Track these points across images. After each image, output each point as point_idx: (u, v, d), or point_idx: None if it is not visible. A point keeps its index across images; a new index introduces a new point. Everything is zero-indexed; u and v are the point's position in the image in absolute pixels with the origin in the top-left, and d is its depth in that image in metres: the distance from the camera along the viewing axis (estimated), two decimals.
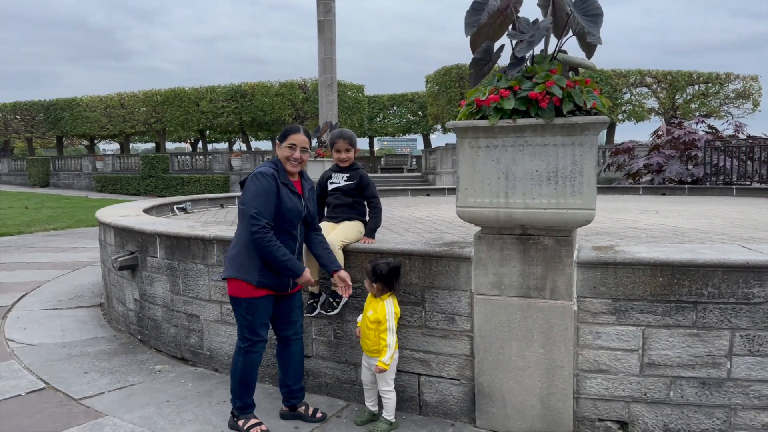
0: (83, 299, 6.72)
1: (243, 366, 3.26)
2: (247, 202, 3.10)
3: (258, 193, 3.10)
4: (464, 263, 3.32)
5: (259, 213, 3.06)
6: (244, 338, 3.26)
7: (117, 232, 5.38)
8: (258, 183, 3.11)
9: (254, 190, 3.11)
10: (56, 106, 37.26)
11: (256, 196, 3.09)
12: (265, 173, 3.14)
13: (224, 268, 3.28)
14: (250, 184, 3.14)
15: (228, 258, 3.26)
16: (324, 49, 20.22)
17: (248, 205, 3.08)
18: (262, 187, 3.11)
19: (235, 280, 3.19)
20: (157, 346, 4.85)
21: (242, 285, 3.18)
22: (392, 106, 38.65)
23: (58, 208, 20.14)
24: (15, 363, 4.54)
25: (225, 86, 32.03)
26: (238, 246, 3.21)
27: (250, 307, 3.21)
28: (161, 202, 8.82)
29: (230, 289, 3.24)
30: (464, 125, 3.05)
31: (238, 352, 3.29)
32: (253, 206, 3.07)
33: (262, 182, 3.11)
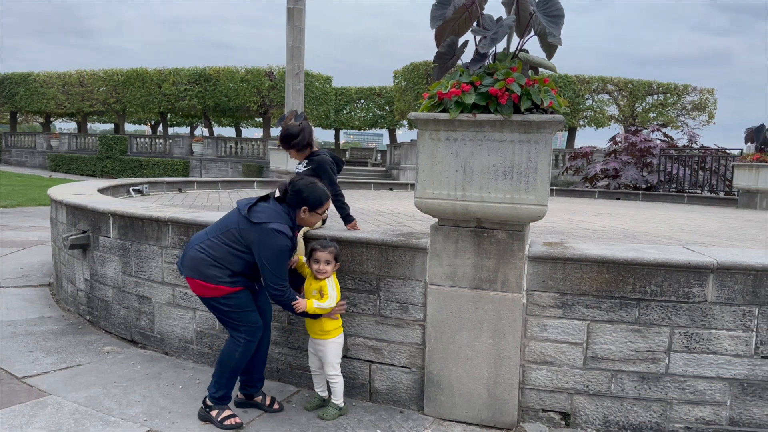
0: (31, 278, 6.52)
1: (240, 357, 3.16)
2: (270, 265, 3.01)
3: (280, 256, 3.02)
4: (420, 254, 3.37)
5: (283, 277, 3.06)
6: (241, 329, 3.15)
7: (69, 210, 5.24)
8: (279, 243, 3.00)
9: (278, 252, 3.01)
10: (11, 80, 35.83)
11: (278, 259, 3.01)
12: (285, 233, 3.01)
13: (187, 267, 3.12)
14: (272, 240, 2.98)
15: (186, 256, 3.13)
16: (292, 38, 20.02)
17: (272, 269, 3.02)
18: (284, 249, 3.02)
19: (204, 283, 3.07)
20: (107, 327, 4.76)
21: (213, 287, 3.07)
22: (359, 99, 38.54)
23: (9, 186, 19.42)
24: None
25: (189, 69, 31.35)
26: (208, 254, 3.06)
27: (230, 303, 3.12)
28: (117, 183, 8.61)
29: (199, 291, 3.13)
30: (425, 117, 3.09)
31: (235, 344, 3.15)
32: (277, 272, 3.02)
33: (283, 242, 3.01)
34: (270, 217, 3.00)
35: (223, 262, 3.05)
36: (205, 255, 3.07)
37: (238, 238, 3.05)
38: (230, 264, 3.06)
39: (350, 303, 3.55)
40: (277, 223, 2.98)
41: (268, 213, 3.03)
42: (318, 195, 3.15)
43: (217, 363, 3.23)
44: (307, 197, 3.11)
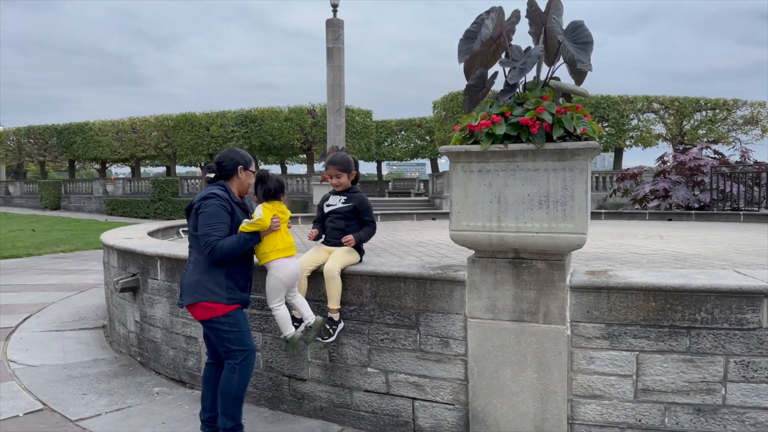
0: (87, 321, 6.76)
1: (239, 383, 3.26)
2: (202, 225, 3.17)
3: (213, 214, 3.19)
4: (458, 287, 3.33)
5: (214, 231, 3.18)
6: (236, 352, 3.25)
7: (120, 254, 5.44)
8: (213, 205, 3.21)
9: (210, 212, 3.20)
10: (69, 130, 37.82)
11: (211, 217, 3.18)
12: (215, 194, 3.24)
13: (183, 294, 3.27)
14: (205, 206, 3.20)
15: (185, 285, 3.26)
16: (333, 75, 20.49)
17: (204, 228, 3.17)
18: (217, 209, 3.21)
19: (205, 304, 3.20)
20: (157, 368, 4.86)
21: (211, 306, 3.20)
22: (400, 131, 38.91)
23: (68, 231, 20.32)
24: (15, 384, 4.57)
25: (235, 111, 32.42)
26: (198, 272, 3.22)
27: (230, 320, 3.23)
28: (167, 225, 8.90)
29: (201, 314, 3.24)
30: (457, 150, 3.09)
31: (231, 371, 3.25)
32: (209, 227, 3.17)
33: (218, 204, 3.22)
34: (206, 190, 3.26)
35: (212, 272, 3.19)
36: (197, 275, 3.21)
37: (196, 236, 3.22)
38: (216, 272, 3.20)
39: (390, 339, 3.53)
40: (213, 190, 3.24)
41: (204, 190, 3.27)
42: (242, 152, 3.46)
43: (219, 395, 3.30)
44: (236, 158, 3.38)
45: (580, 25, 3.09)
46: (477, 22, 3.19)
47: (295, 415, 3.91)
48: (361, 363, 3.65)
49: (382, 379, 3.58)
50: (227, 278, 3.24)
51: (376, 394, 3.60)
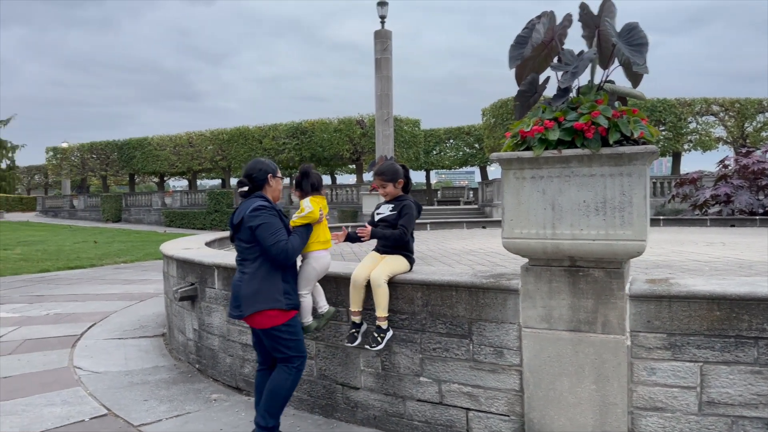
0: (147, 329, 6.99)
1: (290, 385, 3.42)
2: (265, 236, 3.27)
3: (271, 223, 3.32)
4: (512, 296, 3.28)
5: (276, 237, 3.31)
6: (294, 358, 3.41)
7: (179, 264, 5.62)
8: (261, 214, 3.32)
9: (268, 222, 3.31)
10: (129, 145, 39.44)
11: (270, 226, 3.30)
12: (263, 205, 3.35)
13: (242, 305, 3.34)
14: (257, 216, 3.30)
15: (244, 295, 3.33)
16: (381, 86, 20.63)
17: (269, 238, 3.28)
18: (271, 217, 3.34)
19: (267, 312, 3.30)
20: (214, 375, 4.98)
21: (273, 314, 3.32)
22: (448, 139, 38.79)
23: (128, 242, 21.14)
24: (81, 389, 4.77)
25: (286, 124, 33.09)
26: (255, 281, 3.31)
27: (290, 329, 3.39)
28: (223, 236, 9.12)
29: (263, 323, 3.34)
30: (508, 156, 3.06)
31: (286, 373, 3.39)
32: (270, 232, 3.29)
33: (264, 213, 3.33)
34: (251, 203, 3.35)
35: (269, 280, 3.31)
36: (255, 285, 3.30)
37: (252, 246, 3.32)
38: (273, 279, 3.32)
39: (442, 348, 3.51)
40: (259, 202, 3.34)
41: (248, 203, 3.37)
42: (267, 161, 3.54)
43: (267, 393, 3.40)
44: (264, 167, 3.46)
45: (635, 27, 3.01)
46: (528, 27, 3.16)
47: (349, 423, 3.92)
48: (413, 372, 3.64)
49: (435, 388, 3.55)
50: (284, 283, 3.36)
51: (429, 403, 3.58)
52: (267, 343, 3.45)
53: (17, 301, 9.03)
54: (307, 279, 3.56)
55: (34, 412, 4.23)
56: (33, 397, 4.58)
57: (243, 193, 3.46)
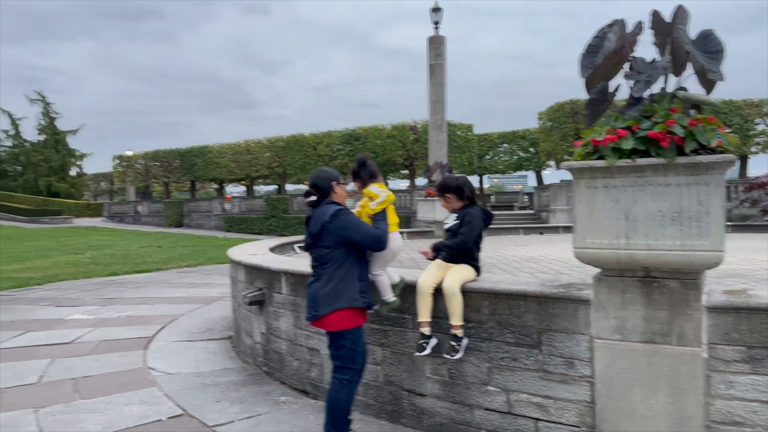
0: (214, 332, 7.25)
1: (347, 397, 3.50)
2: (355, 233, 3.46)
3: (354, 220, 3.54)
4: (583, 306, 3.26)
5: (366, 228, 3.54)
6: (348, 369, 3.51)
7: (247, 269, 5.81)
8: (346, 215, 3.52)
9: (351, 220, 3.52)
10: (190, 153, 40.85)
11: (355, 223, 3.52)
12: (342, 209, 3.54)
13: (319, 307, 3.46)
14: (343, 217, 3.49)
15: (321, 297, 3.45)
16: (434, 92, 20.65)
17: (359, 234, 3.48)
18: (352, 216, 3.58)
19: (341, 312, 3.43)
20: (282, 378, 5.13)
21: (349, 315, 3.45)
22: (502, 144, 38.37)
23: (191, 247, 21.88)
24: (156, 390, 4.99)
25: (340, 131, 33.55)
26: (333, 282, 3.45)
27: (354, 338, 3.51)
28: (284, 242, 9.36)
29: (334, 324, 3.46)
30: (580, 165, 3.05)
31: (340, 385, 3.50)
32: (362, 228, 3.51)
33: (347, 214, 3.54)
34: (326, 210, 3.49)
35: (346, 281, 3.45)
36: (332, 286, 3.44)
37: (331, 251, 3.46)
38: (349, 279, 3.47)
39: (510, 357, 3.51)
40: (333, 207, 3.49)
41: (322, 210, 3.51)
42: (330, 170, 3.68)
43: (327, 409, 3.53)
44: (328, 176, 3.61)
45: (710, 34, 2.96)
46: (599, 36, 3.13)
47: (415, 429, 3.97)
48: (480, 381, 3.65)
49: (503, 398, 3.56)
50: (359, 282, 3.52)
51: (497, 413, 3.58)
52: (330, 346, 3.58)
53: (91, 303, 9.50)
54: (384, 259, 3.75)
55: (115, 411, 4.47)
56: (113, 396, 4.83)
57: (312, 202, 3.60)
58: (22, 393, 4.91)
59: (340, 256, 3.46)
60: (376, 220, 3.59)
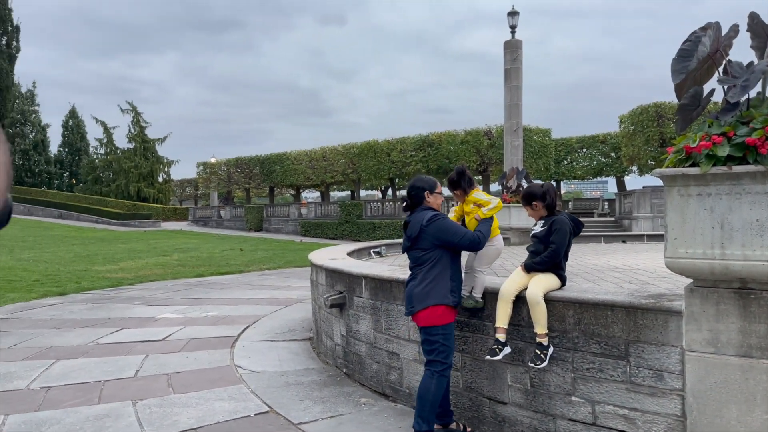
0: (295, 333, 7.50)
1: (435, 389, 3.66)
2: (452, 235, 3.68)
3: (450, 223, 3.80)
4: (674, 317, 3.16)
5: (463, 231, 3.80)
6: (439, 362, 3.68)
7: (328, 273, 5.99)
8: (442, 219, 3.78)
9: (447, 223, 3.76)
10: (269, 160, 42.26)
11: (452, 225, 3.78)
12: (437, 214, 3.81)
13: (414, 303, 3.73)
14: (439, 222, 3.73)
15: (416, 294, 3.72)
16: (510, 96, 20.41)
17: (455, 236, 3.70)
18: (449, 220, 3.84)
19: (432, 309, 3.65)
20: (361, 380, 5.25)
21: (440, 311, 3.64)
22: (581, 149, 37.25)
23: (270, 251, 22.63)
24: (243, 387, 5.24)
25: (414, 137, 33.69)
26: (427, 281, 3.70)
27: (446, 334, 3.70)
28: (360, 246, 9.55)
29: (426, 320, 3.70)
30: (672, 173, 2.97)
31: (430, 376, 3.68)
32: (459, 231, 3.76)
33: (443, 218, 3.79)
34: (422, 215, 3.75)
35: (439, 280, 3.68)
36: (426, 285, 3.69)
37: (426, 252, 3.72)
38: (443, 278, 3.69)
39: (596, 368, 3.45)
40: (429, 213, 3.75)
41: (419, 216, 3.76)
42: (426, 178, 3.91)
43: (417, 399, 3.72)
44: (421, 185, 3.85)
45: None
46: (692, 40, 3.05)
47: None
48: (564, 391, 3.61)
49: (588, 409, 3.50)
50: (451, 281, 3.71)
51: (582, 423, 3.53)
52: (422, 341, 3.79)
53: (179, 303, 10.05)
54: (488, 258, 3.98)
55: (206, 406, 4.73)
56: (203, 392, 5.10)
57: (405, 207, 3.90)
58: (121, 386, 5.28)
59: (434, 257, 3.70)
60: (481, 222, 3.84)
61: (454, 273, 3.79)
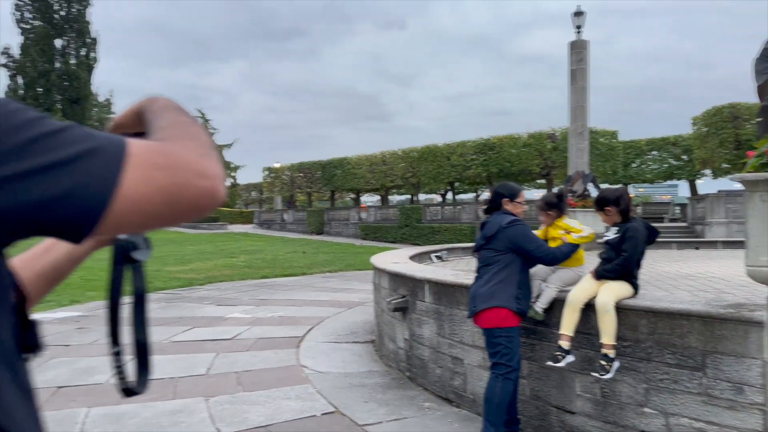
0: (357, 335, 7.58)
1: (501, 392, 3.64)
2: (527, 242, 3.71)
3: (529, 232, 3.85)
4: (754, 328, 3.02)
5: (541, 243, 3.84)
6: (503, 365, 3.66)
7: (390, 277, 6.04)
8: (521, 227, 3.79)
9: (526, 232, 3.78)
10: (331, 164, 42.91)
11: (530, 235, 3.82)
12: (517, 221, 3.85)
13: (477, 302, 3.77)
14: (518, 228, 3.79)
15: (480, 294, 3.77)
16: (575, 98, 19.94)
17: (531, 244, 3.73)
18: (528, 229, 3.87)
19: (496, 310, 3.67)
20: (424, 384, 5.26)
21: (503, 314, 3.64)
22: (651, 151, 35.87)
23: (331, 253, 22.96)
24: (309, 387, 5.35)
25: (474, 140, 33.38)
26: (492, 283, 3.73)
27: (509, 337, 3.69)
28: (421, 251, 9.56)
29: (488, 321, 3.71)
30: (754, 178, 2.84)
31: (494, 379, 3.68)
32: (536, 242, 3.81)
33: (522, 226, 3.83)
34: (503, 218, 3.81)
35: (505, 283, 3.69)
36: (491, 286, 3.71)
37: (498, 254, 3.76)
38: (509, 283, 3.70)
39: (670, 379, 3.33)
40: (511, 217, 3.81)
41: (499, 218, 3.83)
42: (509, 186, 4.01)
43: (484, 402, 3.74)
44: (502, 192, 3.94)
45: None
46: None
47: None
48: (636, 402, 3.50)
49: (661, 421, 3.38)
50: (518, 288, 3.69)
51: None
52: (486, 343, 3.80)
53: (247, 303, 10.36)
54: (564, 281, 3.94)
55: (275, 404, 4.86)
56: (271, 390, 5.24)
57: (486, 210, 4.00)
58: (194, 383, 5.50)
59: (505, 261, 3.73)
60: (566, 244, 3.86)
61: (522, 281, 3.77)
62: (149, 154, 0.60)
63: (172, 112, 0.74)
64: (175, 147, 0.64)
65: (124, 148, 0.59)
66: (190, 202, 0.61)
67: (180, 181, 0.60)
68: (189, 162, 0.62)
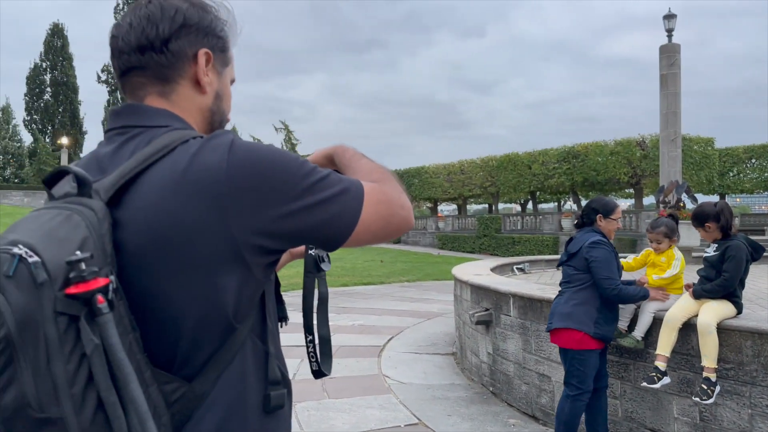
0: (438, 347, 7.56)
1: (569, 411, 3.59)
2: (601, 269, 3.53)
3: (608, 260, 3.57)
4: None
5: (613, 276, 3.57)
6: (573, 386, 3.60)
7: (473, 289, 5.99)
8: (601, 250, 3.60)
9: (605, 258, 3.57)
10: (408, 173, 43.14)
11: (608, 263, 3.56)
12: (601, 241, 3.67)
13: (554, 319, 3.71)
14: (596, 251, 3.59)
15: (558, 312, 3.70)
16: (667, 104, 19.08)
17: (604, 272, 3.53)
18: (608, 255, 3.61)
19: (570, 332, 3.57)
20: (508, 400, 5.17)
21: (578, 337, 3.54)
22: (750, 159, 33.61)
23: (408, 263, 23.03)
24: (392, 397, 5.39)
25: (557, 148, 32.51)
26: (572, 303, 3.65)
27: (582, 359, 3.59)
28: (503, 262, 9.43)
29: (561, 341, 3.70)
30: None
31: (565, 398, 3.64)
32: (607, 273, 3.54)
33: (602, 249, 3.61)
34: (588, 236, 3.68)
35: (586, 305, 3.58)
36: (571, 306, 3.62)
37: (578, 273, 3.65)
38: (590, 305, 3.58)
39: None
40: (597, 236, 3.66)
41: (586, 235, 3.70)
42: (604, 201, 3.87)
43: (555, 417, 3.75)
44: (595, 207, 3.79)
45: None
46: None
47: None
48: (740, 428, 3.29)
49: None
50: (598, 312, 3.57)
51: None
52: (561, 358, 3.77)
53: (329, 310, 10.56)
54: (660, 306, 3.76)
55: (359, 413, 4.93)
56: (355, 398, 5.33)
57: (577, 224, 3.91)
58: None
59: (585, 280, 3.62)
60: (641, 288, 3.70)
61: (603, 304, 3.62)
62: (374, 193, 0.90)
63: (365, 159, 1.06)
64: (386, 187, 0.93)
65: (363, 189, 0.88)
66: (396, 226, 0.92)
67: (392, 212, 0.91)
68: (396, 198, 0.93)
